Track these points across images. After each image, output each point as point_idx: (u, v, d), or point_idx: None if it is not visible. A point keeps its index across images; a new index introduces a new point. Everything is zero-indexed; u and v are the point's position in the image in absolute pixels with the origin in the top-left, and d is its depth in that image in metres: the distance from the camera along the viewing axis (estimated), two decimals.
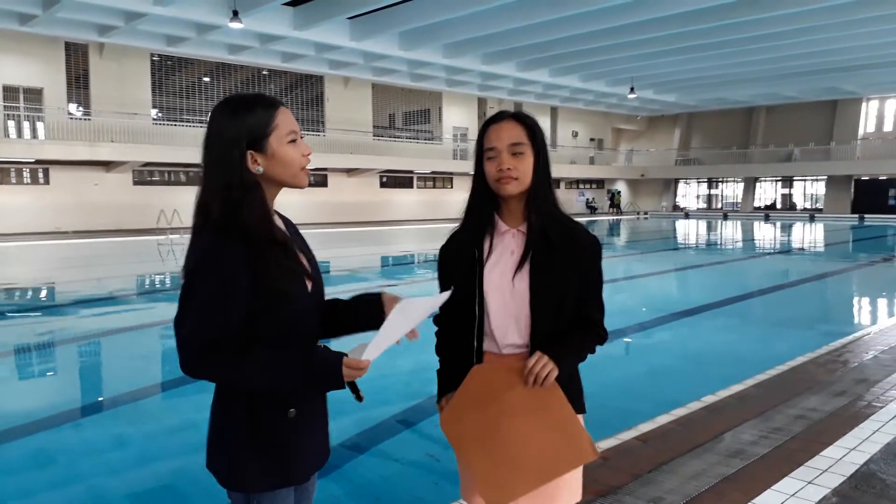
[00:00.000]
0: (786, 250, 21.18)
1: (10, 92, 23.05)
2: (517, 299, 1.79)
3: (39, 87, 23.50)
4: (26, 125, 23.60)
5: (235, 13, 18.30)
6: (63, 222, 23.80)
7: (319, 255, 1.81)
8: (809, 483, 3.26)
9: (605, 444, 3.73)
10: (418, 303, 1.64)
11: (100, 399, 6.08)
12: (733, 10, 20.05)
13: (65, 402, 5.76)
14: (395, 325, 1.60)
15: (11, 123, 23.28)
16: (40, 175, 23.86)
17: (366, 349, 1.57)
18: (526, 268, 1.78)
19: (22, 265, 16.07)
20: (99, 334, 8.51)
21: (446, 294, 1.69)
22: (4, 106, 22.87)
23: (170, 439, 4.75)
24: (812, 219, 36.31)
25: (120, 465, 4.31)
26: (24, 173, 23.62)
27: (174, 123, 26.43)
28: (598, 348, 1.87)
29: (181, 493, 3.79)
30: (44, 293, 12.41)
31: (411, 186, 35.15)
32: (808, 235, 27.20)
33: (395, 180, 34.27)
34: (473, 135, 35.52)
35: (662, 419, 4.18)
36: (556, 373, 1.70)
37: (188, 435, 4.55)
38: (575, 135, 42.44)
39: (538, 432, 1.72)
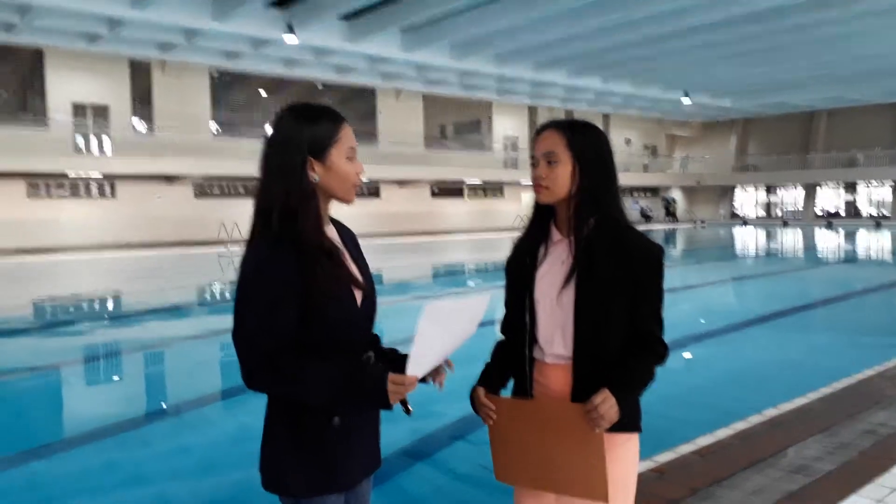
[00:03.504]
0: (850, 259, 20.43)
1: (79, 109, 24.10)
2: (564, 310, 1.77)
3: (106, 105, 24.52)
4: (94, 141, 24.62)
5: (290, 28, 18.73)
6: (129, 234, 24.70)
7: (372, 265, 1.82)
8: (879, 502, 3.13)
9: (662, 458, 3.67)
10: (447, 307, 1.61)
11: (164, 406, 6.27)
12: (791, 13, 19.52)
13: (131, 409, 5.96)
14: (430, 335, 1.56)
15: (80, 139, 24.32)
16: (107, 189, 24.85)
17: (407, 365, 1.56)
18: (573, 280, 1.76)
19: (92, 277, 16.72)
20: (165, 343, 8.78)
21: (482, 298, 1.68)
22: (74, 122, 23.92)
23: (230, 445, 4.87)
24: (878, 226, 34.93)
25: (183, 468, 4.44)
26: (93, 187, 24.64)
27: (233, 137, 27.19)
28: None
29: (242, 496, 3.87)
30: (112, 304, 12.89)
31: (462, 196, 35.25)
32: (875, 243, 26.17)
33: (446, 190, 34.43)
34: (524, 143, 35.81)
35: (722, 433, 4.08)
36: (615, 419, 1.66)
37: (248, 440, 4.66)
38: (628, 142, 41.90)
39: (563, 453, 1.72)
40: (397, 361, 1.70)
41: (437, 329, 1.58)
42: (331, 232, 1.73)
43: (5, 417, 5.75)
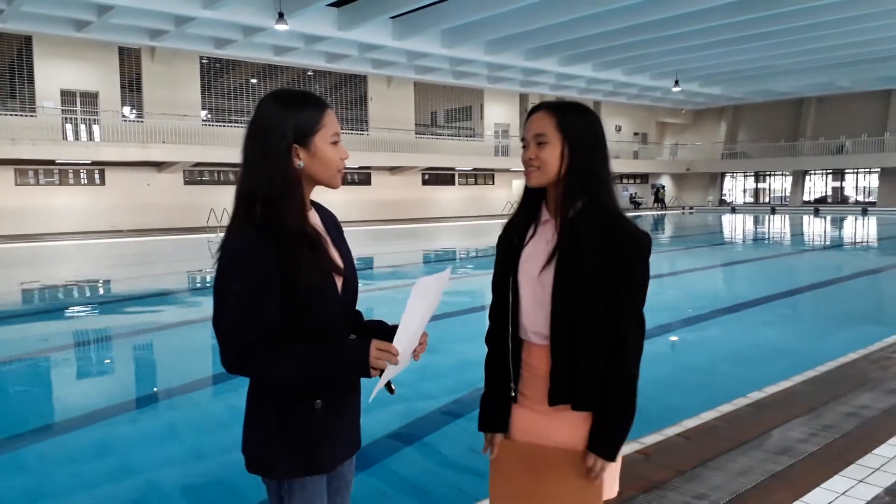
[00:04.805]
0: (837, 245, 20.60)
1: (68, 96, 23.87)
2: (544, 290, 1.77)
3: (95, 91, 24.28)
4: (83, 128, 24.42)
5: (281, 15, 18.60)
6: (118, 221, 24.57)
7: (363, 253, 1.85)
8: (861, 481, 3.20)
9: (648, 440, 3.73)
10: (431, 281, 1.66)
11: (153, 391, 6.29)
12: (779, 0, 19.58)
13: (120, 395, 5.98)
14: (417, 308, 1.61)
15: (69, 126, 24.12)
16: (96, 176, 24.66)
17: (394, 338, 1.60)
18: (554, 260, 1.76)
19: (81, 263, 16.65)
20: (155, 329, 8.78)
21: (446, 272, 1.72)
22: (62, 110, 23.71)
23: (217, 427, 4.91)
24: (865, 212, 35.16)
25: (171, 450, 4.48)
26: (82, 174, 24.43)
27: (223, 124, 27.01)
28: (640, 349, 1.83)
29: (228, 480, 3.92)
30: (102, 289, 12.85)
31: (453, 183, 35.21)
32: (861, 229, 26.38)
33: (437, 177, 34.39)
34: (515, 131, 35.77)
35: (707, 415, 4.14)
36: (610, 465, 1.77)
37: (235, 422, 4.70)
38: (618, 129, 41.91)
39: (560, 492, 1.80)
40: (381, 335, 1.72)
41: (421, 303, 1.62)
42: (313, 218, 1.73)
43: None
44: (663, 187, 42.87)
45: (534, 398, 1.84)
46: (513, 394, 1.88)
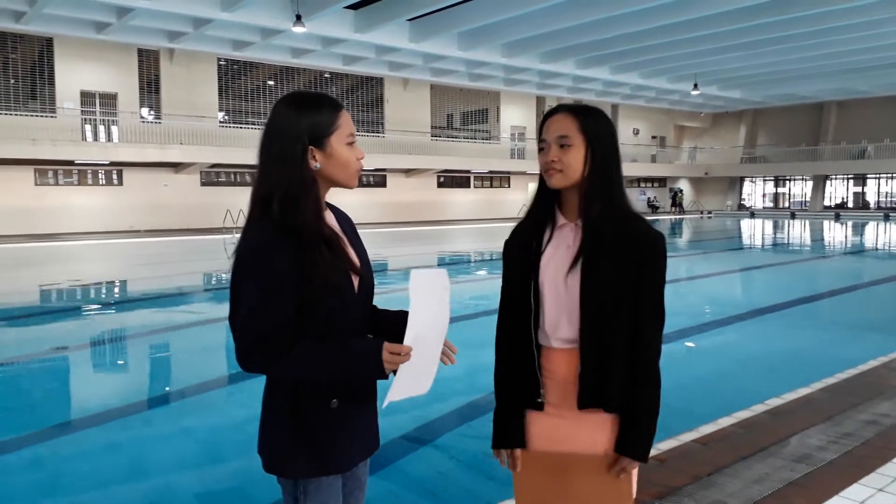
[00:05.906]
0: (858, 250, 20.34)
1: (87, 97, 24.18)
2: (570, 294, 1.77)
3: (114, 93, 24.58)
4: (102, 129, 24.72)
5: (299, 17, 18.71)
6: (135, 221, 24.83)
7: (379, 254, 1.85)
8: (880, 490, 3.15)
9: (664, 446, 3.69)
10: (426, 275, 1.64)
11: (169, 391, 6.33)
12: (799, 4, 19.41)
13: (135, 394, 6.02)
14: (421, 306, 1.60)
15: (88, 127, 24.41)
16: (115, 176, 24.97)
17: (405, 335, 1.59)
18: (579, 263, 1.76)
19: (99, 262, 16.81)
20: (172, 328, 8.84)
21: (443, 272, 1.69)
22: (82, 111, 24.00)
23: (234, 427, 4.92)
24: (887, 217, 34.70)
25: (188, 450, 4.49)
26: (100, 175, 24.75)
27: (240, 126, 27.23)
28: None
29: (243, 480, 3.92)
30: (119, 289, 12.96)
31: (468, 186, 35.23)
32: (883, 235, 26.03)
33: (453, 180, 34.41)
34: (531, 133, 35.74)
35: (724, 422, 4.10)
36: (638, 464, 1.77)
37: (252, 422, 4.70)
38: (636, 132, 41.73)
39: (590, 497, 1.80)
40: (397, 325, 1.71)
41: (424, 300, 1.61)
42: (329, 218, 1.74)
43: (12, 400, 5.81)
44: (681, 191, 42.61)
45: (556, 403, 1.82)
46: (539, 400, 1.83)
